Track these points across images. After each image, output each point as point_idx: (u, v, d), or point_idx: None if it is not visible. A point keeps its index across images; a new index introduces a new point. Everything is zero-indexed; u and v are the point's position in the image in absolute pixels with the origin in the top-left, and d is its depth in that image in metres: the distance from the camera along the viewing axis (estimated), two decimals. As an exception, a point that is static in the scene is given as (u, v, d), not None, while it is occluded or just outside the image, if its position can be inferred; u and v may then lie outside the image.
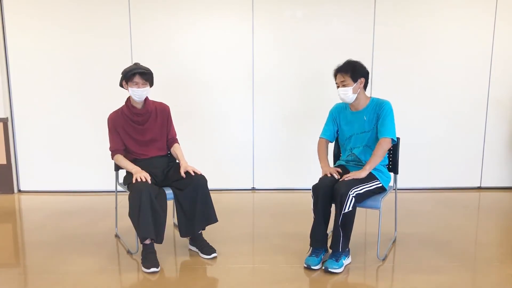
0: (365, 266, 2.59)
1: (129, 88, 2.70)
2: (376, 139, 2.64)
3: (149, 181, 2.62)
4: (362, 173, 2.54)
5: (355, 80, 2.60)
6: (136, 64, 2.74)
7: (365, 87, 2.68)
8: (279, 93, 4.20)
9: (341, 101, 2.75)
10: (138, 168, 2.70)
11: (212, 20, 4.07)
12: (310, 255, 2.60)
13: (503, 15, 4.06)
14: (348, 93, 2.61)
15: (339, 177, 2.62)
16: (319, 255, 2.59)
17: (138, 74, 2.67)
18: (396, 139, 2.63)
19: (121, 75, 2.75)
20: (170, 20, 4.06)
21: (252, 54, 4.13)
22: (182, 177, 2.71)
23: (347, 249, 2.59)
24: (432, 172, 4.34)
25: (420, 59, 4.14)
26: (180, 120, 4.13)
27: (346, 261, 2.59)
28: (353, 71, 2.60)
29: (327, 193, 2.54)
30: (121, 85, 2.80)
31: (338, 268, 2.49)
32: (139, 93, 2.70)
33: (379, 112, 2.61)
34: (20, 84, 4.14)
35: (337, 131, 2.83)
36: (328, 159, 2.83)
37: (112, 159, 2.84)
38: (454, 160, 4.32)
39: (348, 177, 2.55)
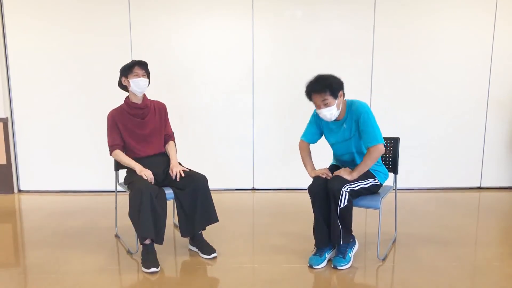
0: (365, 266, 2.59)
1: (130, 81, 2.72)
2: (360, 143, 2.57)
3: (152, 181, 2.65)
4: (348, 177, 2.50)
5: (335, 97, 2.45)
6: (133, 60, 2.78)
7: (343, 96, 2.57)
8: (279, 93, 4.20)
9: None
10: (141, 166, 2.71)
11: (212, 20, 4.07)
12: (314, 254, 2.61)
13: (503, 15, 4.06)
14: (333, 112, 2.47)
15: (330, 176, 2.58)
16: (323, 254, 2.59)
17: (137, 64, 2.72)
18: (383, 142, 2.50)
19: (120, 72, 2.77)
20: (170, 20, 4.06)
21: (252, 54, 4.13)
22: (181, 175, 2.73)
23: (351, 239, 2.60)
24: (432, 172, 4.34)
25: (420, 59, 4.14)
26: (180, 120, 4.14)
27: (353, 251, 2.61)
28: (330, 89, 2.42)
29: (322, 193, 2.54)
30: (120, 85, 2.82)
31: (346, 264, 2.52)
32: (141, 83, 2.73)
33: (357, 119, 2.51)
34: (20, 84, 4.14)
35: (321, 133, 2.74)
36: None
37: (111, 155, 2.83)
38: (454, 160, 4.32)
39: (338, 173, 2.53)
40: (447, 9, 4.06)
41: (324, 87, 2.43)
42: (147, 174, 2.66)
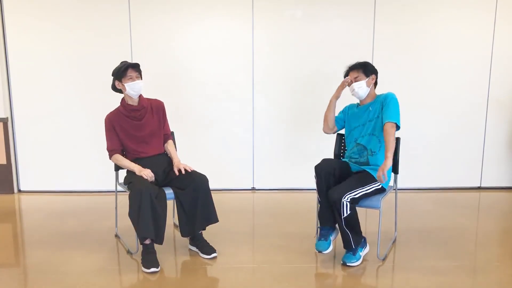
0: (365, 266, 2.59)
1: (125, 85, 2.70)
2: (381, 128, 2.65)
3: (153, 179, 2.66)
4: (388, 162, 2.45)
5: (367, 75, 2.71)
6: (123, 62, 2.77)
7: (375, 85, 2.78)
8: (279, 93, 4.20)
9: (353, 100, 2.82)
10: (140, 166, 2.71)
11: (212, 20, 4.07)
12: (319, 239, 2.61)
13: (503, 15, 4.06)
14: (362, 86, 2.70)
15: (349, 82, 2.73)
16: (327, 238, 2.60)
17: (129, 67, 2.69)
18: (399, 124, 2.62)
19: (113, 76, 2.75)
20: (170, 19, 4.06)
21: (252, 54, 4.13)
22: (179, 174, 2.74)
23: (362, 240, 2.63)
24: (432, 172, 4.34)
25: (420, 59, 4.14)
26: (180, 120, 4.14)
27: (364, 251, 2.64)
28: (364, 67, 2.72)
29: (329, 173, 2.58)
30: (113, 88, 2.80)
31: (356, 261, 2.55)
32: (136, 86, 2.71)
33: (383, 102, 2.67)
34: (20, 84, 4.14)
35: (344, 122, 2.89)
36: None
37: (110, 159, 2.84)
38: (454, 160, 4.32)
39: (379, 175, 2.43)
40: (447, 9, 4.06)
41: (360, 65, 2.75)
42: (146, 173, 2.66)
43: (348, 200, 2.45)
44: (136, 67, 2.73)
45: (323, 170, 2.59)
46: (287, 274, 2.48)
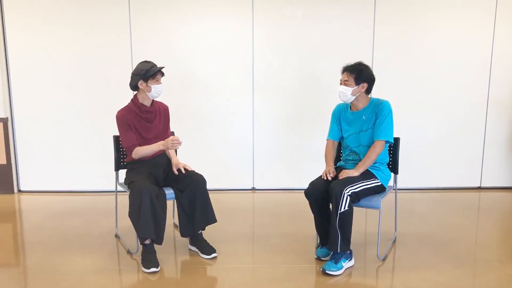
0: (365, 266, 2.60)
1: (151, 86, 2.69)
2: (372, 139, 2.65)
3: (180, 144, 2.63)
4: (354, 173, 2.57)
5: (357, 83, 2.61)
6: (149, 62, 2.75)
7: (368, 91, 2.69)
8: (279, 93, 4.20)
9: (340, 100, 2.76)
10: (161, 142, 2.68)
11: (212, 20, 4.07)
12: (321, 247, 2.67)
13: (503, 15, 4.06)
14: (346, 93, 2.63)
15: (331, 178, 2.62)
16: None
17: (159, 72, 2.72)
18: (392, 141, 2.65)
19: (138, 75, 2.67)
20: (170, 19, 4.06)
21: (252, 54, 4.13)
22: (178, 174, 2.74)
23: (349, 251, 2.57)
24: (432, 172, 4.34)
25: (420, 59, 4.14)
26: (181, 120, 4.14)
27: (348, 263, 2.56)
28: (358, 74, 2.61)
29: (319, 195, 2.57)
30: (134, 86, 2.73)
31: (336, 271, 2.48)
32: (160, 89, 2.74)
33: (378, 112, 2.63)
34: (20, 84, 4.14)
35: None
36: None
37: (132, 155, 2.73)
38: (454, 160, 4.32)
39: (341, 176, 2.57)
40: (447, 9, 4.06)
41: (354, 69, 2.63)
42: (173, 140, 2.62)
43: (349, 193, 2.44)
44: (163, 72, 2.77)
45: (312, 195, 2.60)
46: (287, 274, 2.49)
